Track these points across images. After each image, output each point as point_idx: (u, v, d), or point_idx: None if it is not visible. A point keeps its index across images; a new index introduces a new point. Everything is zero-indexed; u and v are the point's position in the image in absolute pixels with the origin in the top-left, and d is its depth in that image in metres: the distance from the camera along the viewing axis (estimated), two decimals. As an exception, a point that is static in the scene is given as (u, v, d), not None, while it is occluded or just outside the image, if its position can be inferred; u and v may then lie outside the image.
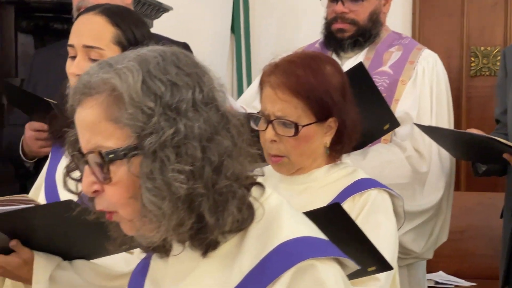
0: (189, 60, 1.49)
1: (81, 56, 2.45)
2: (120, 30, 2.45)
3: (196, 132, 1.42)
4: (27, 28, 3.74)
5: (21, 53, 3.75)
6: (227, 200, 1.45)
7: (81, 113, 1.47)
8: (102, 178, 1.45)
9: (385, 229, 2.29)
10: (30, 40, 3.77)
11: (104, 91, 1.44)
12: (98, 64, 1.48)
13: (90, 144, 1.45)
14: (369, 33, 3.23)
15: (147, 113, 1.42)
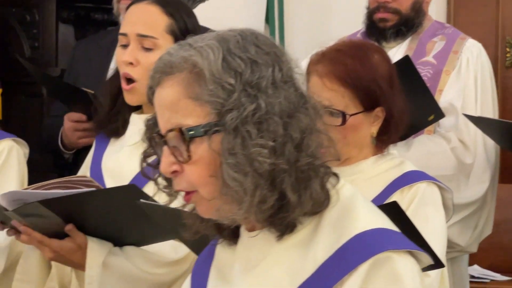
0: (267, 40, 1.49)
1: (134, 45, 2.45)
2: (173, 19, 2.47)
3: (277, 108, 1.43)
4: (68, 19, 3.77)
5: (61, 43, 3.78)
6: (309, 178, 1.44)
7: (160, 93, 1.48)
8: (182, 157, 1.45)
9: (435, 223, 2.27)
10: (70, 30, 3.80)
11: (184, 69, 1.45)
12: (178, 44, 1.49)
13: (170, 124, 1.46)
14: (411, 22, 3.21)
15: (228, 89, 1.42)
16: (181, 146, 1.44)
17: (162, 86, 1.48)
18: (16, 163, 2.67)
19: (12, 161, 2.66)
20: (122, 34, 2.48)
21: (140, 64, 2.44)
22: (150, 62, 2.44)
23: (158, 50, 2.46)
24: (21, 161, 2.71)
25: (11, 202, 2.14)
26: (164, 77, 1.47)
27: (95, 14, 3.76)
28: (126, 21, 2.50)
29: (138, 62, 2.44)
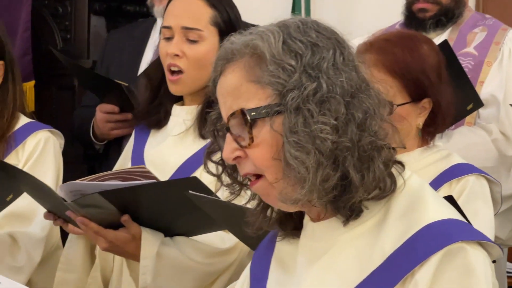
0: (328, 28, 1.50)
1: (179, 37, 2.47)
2: (217, 11, 2.49)
3: (338, 88, 1.43)
4: (99, 10, 3.75)
5: (93, 35, 3.76)
6: (372, 157, 1.44)
7: (223, 80, 1.49)
8: (244, 140, 1.45)
9: (484, 216, 2.23)
10: (102, 22, 3.78)
11: (246, 53, 1.46)
12: (239, 32, 1.51)
13: (232, 110, 1.46)
14: (452, 13, 3.17)
15: (289, 70, 1.43)
16: (243, 129, 1.45)
17: (224, 74, 1.49)
18: (52, 153, 2.68)
19: (49, 152, 2.68)
20: (166, 27, 2.49)
21: (185, 55, 2.46)
22: (195, 54, 2.46)
23: (203, 42, 2.47)
24: (57, 152, 2.72)
25: (68, 193, 2.14)
26: (226, 64, 1.48)
27: (127, 6, 3.74)
28: (169, 14, 2.51)
29: (184, 53, 2.46)
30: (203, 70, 2.46)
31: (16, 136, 2.66)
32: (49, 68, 3.72)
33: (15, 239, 2.55)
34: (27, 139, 2.66)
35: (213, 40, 2.49)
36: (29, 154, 2.65)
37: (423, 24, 3.16)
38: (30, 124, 2.71)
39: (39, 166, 2.64)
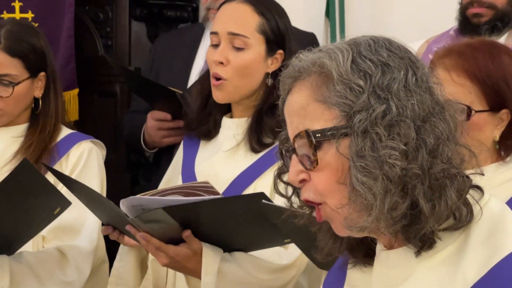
0: (401, 46, 1.44)
1: (225, 44, 2.44)
2: (264, 18, 2.47)
3: (409, 111, 1.37)
4: (140, 16, 3.72)
5: (134, 41, 3.73)
6: (444, 186, 1.37)
7: (290, 99, 1.45)
8: (309, 163, 1.40)
9: None
10: (142, 27, 3.75)
11: (313, 72, 1.41)
12: (307, 50, 1.46)
13: (298, 130, 1.42)
14: (508, 17, 3.12)
15: (357, 91, 1.38)
16: (309, 151, 1.40)
17: (291, 93, 1.44)
18: (96, 164, 2.68)
19: (92, 163, 2.67)
20: (213, 33, 2.47)
21: (230, 63, 2.43)
22: (240, 62, 2.43)
23: (248, 50, 2.44)
24: (100, 163, 2.72)
25: (130, 207, 2.11)
26: (294, 83, 1.44)
27: (167, 11, 3.71)
28: (217, 20, 2.49)
29: (228, 61, 2.43)
30: (246, 78, 2.44)
31: (59, 147, 2.66)
32: (91, 74, 3.69)
33: (64, 253, 2.55)
34: (70, 150, 2.66)
35: (259, 48, 2.46)
36: (73, 166, 2.64)
37: (477, 29, 3.12)
38: (73, 135, 2.70)
39: (84, 177, 2.63)
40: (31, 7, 3.57)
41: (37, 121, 2.66)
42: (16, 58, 2.61)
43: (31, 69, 2.64)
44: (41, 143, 2.63)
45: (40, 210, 2.34)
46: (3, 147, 2.66)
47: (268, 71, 2.47)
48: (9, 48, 2.60)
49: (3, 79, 2.60)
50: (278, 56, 2.48)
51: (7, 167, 2.60)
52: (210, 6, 3.20)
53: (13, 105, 2.62)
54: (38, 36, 2.68)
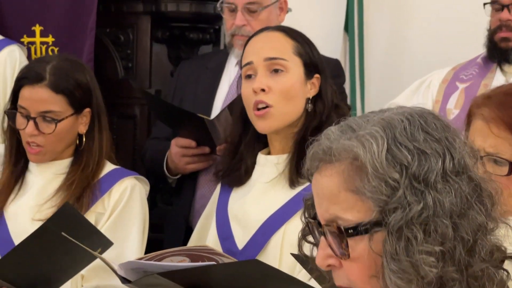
0: (438, 123, 1.37)
1: (263, 71, 2.41)
2: (298, 42, 2.47)
3: (446, 207, 1.31)
4: (162, 38, 3.69)
5: (155, 63, 3.70)
6: (483, 286, 1.32)
7: (319, 180, 1.38)
8: (339, 252, 1.35)
9: None
10: (164, 50, 3.72)
11: (345, 159, 1.34)
12: (339, 128, 1.38)
13: (328, 215, 1.35)
14: None
15: (392, 185, 1.31)
16: (339, 241, 1.34)
17: (320, 174, 1.37)
18: (138, 202, 2.65)
19: (135, 200, 2.64)
20: (247, 64, 2.43)
21: (272, 89, 2.40)
22: (282, 86, 2.40)
23: (288, 73, 2.42)
24: (143, 200, 2.69)
25: (129, 271, 2.07)
26: (323, 165, 1.37)
27: (189, 33, 3.68)
28: (249, 51, 2.47)
29: (270, 88, 2.40)
30: (291, 102, 2.41)
31: (101, 184, 2.63)
32: (111, 97, 3.65)
33: None
34: (113, 187, 2.63)
35: (298, 70, 2.43)
36: (115, 203, 2.62)
37: (506, 54, 3.07)
38: (116, 171, 2.67)
39: (126, 215, 2.61)
40: (52, 31, 3.55)
41: (80, 158, 2.63)
42: (61, 95, 2.58)
43: (75, 105, 2.61)
44: (83, 180, 2.59)
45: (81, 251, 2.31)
46: (44, 183, 2.63)
47: (308, 96, 2.44)
48: (54, 85, 2.57)
49: (46, 116, 2.57)
50: (315, 81, 2.45)
51: (48, 203, 2.57)
52: (235, 32, 3.17)
53: (55, 142, 2.59)
54: (84, 72, 2.65)
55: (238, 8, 3.16)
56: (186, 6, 3.62)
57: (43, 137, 2.57)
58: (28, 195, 2.63)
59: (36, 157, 2.61)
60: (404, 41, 5.08)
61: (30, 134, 2.57)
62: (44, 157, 2.61)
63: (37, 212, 2.56)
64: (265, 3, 3.21)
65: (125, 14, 3.66)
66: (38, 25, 3.57)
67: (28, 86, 2.58)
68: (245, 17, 3.15)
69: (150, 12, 3.64)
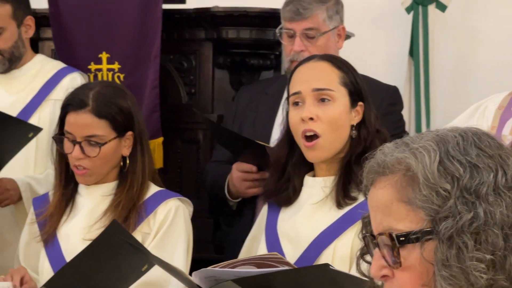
0: (491, 141, 1.41)
1: (310, 101, 2.48)
2: (344, 72, 2.54)
3: (498, 218, 1.34)
4: (223, 64, 3.77)
5: (217, 89, 3.78)
6: None
7: (374, 193, 1.44)
8: (392, 262, 1.39)
9: None
10: (226, 75, 3.80)
11: (398, 170, 1.40)
12: (394, 143, 1.45)
13: (382, 226, 1.41)
14: None
15: (443, 195, 1.36)
16: (392, 250, 1.39)
17: (375, 187, 1.43)
18: (182, 222, 2.75)
19: (179, 221, 2.74)
20: (295, 93, 2.49)
21: (320, 118, 2.45)
22: (330, 115, 2.47)
23: (335, 103, 2.48)
24: (187, 220, 2.79)
25: (203, 279, 2.15)
26: (377, 178, 1.43)
27: (250, 60, 3.75)
28: (297, 81, 2.53)
29: (318, 117, 2.46)
30: (338, 131, 2.46)
31: (147, 205, 2.73)
32: (174, 121, 3.76)
33: None
34: (158, 208, 2.73)
35: (344, 100, 2.50)
36: (160, 224, 2.71)
37: None
38: (160, 192, 2.77)
39: (170, 235, 2.71)
40: (118, 58, 3.67)
41: (125, 179, 2.74)
42: (104, 119, 2.70)
43: (118, 129, 2.72)
44: (129, 201, 2.70)
45: (129, 267, 2.41)
46: (93, 205, 2.75)
47: (353, 123, 2.51)
48: (97, 110, 2.69)
49: (91, 140, 2.69)
50: (359, 108, 2.53)
51: (97, 225, 2.68)
52: (294, 58, 3.23)
53: (100, 164, 2.71)
54: (125, 97, 2.77)
55: (297, 34, 3.22)
56: (246, 32, 3.70)
57: (89, 160, 2.69)
58: (79, 216, 2.75)
59: (83, 179, 2.73)
60: (470, 67, 5.06)
61: (76, 158, 2.69)
62: (91, 178, 2.73)
63: (87, 232, 2.68)
64: (323, 29, 3.26)
65: (188, 41, 3.76)
66: (105, 52, 3.68)
67: (72, 112, 2.71)
68: (303, 43, 3.21)
69: (211, 38, 3.72)
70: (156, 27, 3.60)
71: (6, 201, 3.31)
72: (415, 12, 5.01)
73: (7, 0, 3.42)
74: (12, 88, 3.50)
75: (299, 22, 3.21)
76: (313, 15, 3.21)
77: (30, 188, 3.32)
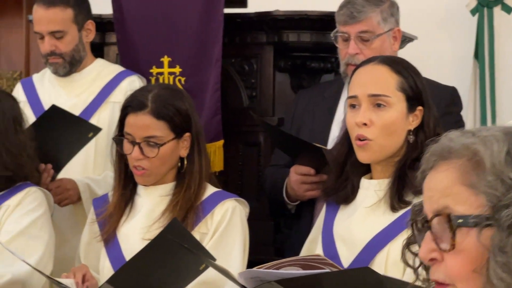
0: None
1: (366, 106, 2.48)
2: (403, 77, 2.51)
3: None
4: (284, 67, 3.79)
5: (278, 92, 3.80)
6: None
7: (433, 175, 1.45)
8: (445, 244, 1.40)
9: None
10: (287, 79, 3.82)
11: (464, 155, 1.42)
12: (459, 131, 1.47)
13: (437, 205, 1.42)
14: None
15: (508, 183, 1.37)
16: (446, 233, 1.39)
17: (436, 170, 1.44)
18: (239, 223, 2.78)
19: (236, 221, 2.78)
20: (352, 97, 2.49)
21: (373, 124, 2.45)
22: (384, 121, 2.46)
23: (390, 109, 2.47)
24: (243, 221, 2.83)
25: (248, 279, 2.17)
26: (440, 161, 1.44)
27: (311, 63, 3.77)
28: (355, 84, 2.53)
29: (372, 122, 2.46)
30: (391, 137, 2.46)
31: (204, 205, 2.78)
32: (236, 125, 3.79)
33: None
34: (215, 208, 2.77)
35: (400, 106, 2.48)
36: (217, 224, 2.75)
37: None
38: (217, 193, 2.81)
39: (227, 235, 2.74)
40: (179, 62, 3.72)
41: (183, 180, 2.79)
42: (162, 121, 2.75)
43: (176, 130, 2.77)
44: (187, 202, 2.75)
45: (187, 266, 2.45)
46: (152, 206, 2.80)
47: (410, 128, 2.50)
48: (156, 112, 2.74)
49: (149, 141, 2.74)
50: (418, 113, 2.51)
51: (155, 225, 2.73)
52: (349, 61, 3.23)
53: (159, 165, 2.76)
54: (183, 99, 2.82)
55: (351, 37, 3.22)
56: (307, 36, 3.72)
57: (147, 161, 2.74)
58: (138, 217, 2.81)
59: (142, 179, 2.78)
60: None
61: (136, 159, 2.75)
62: (149, 178, 2.78)
63: (146, 232, 2.73)
64: (377, 32, 3.25)
65: (249, 45, 3.79)
66: (166, 56, 3.74)
67: (132, 113, 2.76)
68: (358, 46, 3.21)
69: (273, 42, 3.75)
70: (218, 31, 3.63)
71: (66, 201, 3.39)
72: (480, 14, 4.96)
73: (68, 5, 3.50)
74: (72, 91, 3.58)
75: (353, 25, 3.21)
76: (367, 18, 3.21)
77: (89, 189, 3.40)
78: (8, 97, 2.95)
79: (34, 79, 3.68)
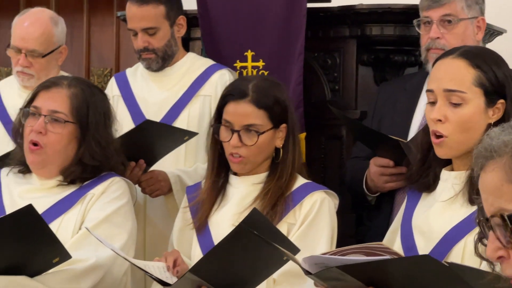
0: None
1: (442, 101, 2.45)
2: (481, 71, 2.44)
3: None
4: (367, 61, 3.79)
5: (361, 86, 3.80)
6: None
7: (484, 177, 1.46)
8: (505, 242, 1.41)
9: None
10: (369, 72, 3.82)
11: (505, 153, 1.43)
12: (500, 127, 1.48)
13: (493, 208, 1.43)
14: None
15: None
16: (505, 231, 1.41)
17: (485, 171, 1.46)
18: (327, 214, 2.81)
19: (324, 213, 2.80)
20: (429, 91, 2.47)
21: (448, 120, 2.43)
22: (459, 118, 2.42)
23: (466, 105, 2.43)
24: (332, 213, 2.85)
25: (313, 265, 2.19)
26: (486, 162, 1.45)
27: (394, 56, 3.76)
28: (432, 77, 2.50)
29: (447, 118, 2.43)
30: (467, 133, 2.42)
31: (294, 196, 2.82)
32: (319, 118, 3.81)
33: None
34: (304, 199, 2.81)
35: (477, 101, 2.43)
36: (305, 215, 2.78)
37: None
38: (307, 185, 2.85)
39: (315, 227, 2.78)
40: (263, 56, 3.76)
41: (275, 170, 2.84)
42: (262, 110, 2.81)
43: (274, 120, 2.83)
44: (277, 190, 2.80)
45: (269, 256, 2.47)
46: (244, 193, 2.86)
47: (490, 121, 2.44)
48: (256, 100, 2.80)
49: (250, 128, 2.81)
50: (499, 106, 2.46)
51: (246, 211, 2.76)
52: (430, 46, 3.21)
53: (256, 153, 2.82)
54: (281, 90, 2.88)
55: (434, 21, 3.21)
56: (391, 29, 3.71)
57: (245, 149, 2.80)
58: (229, 205, 2.86)
59: (238, 166, 2.84)
60: None
61: (234, 146, 2.80)
62: (246, 166, 2.83)
63: (237, 219, 2.77)
64: (460, 16, 3.22)
65: (332, 39, 3.81)
66: (250, 50, 3.79)
67: (232, 102, 2.82)
68: (440, 30, 3.19)
69: (355, 36, 3.76)
70: (301, 25, 3.66)
71: (157, 192, 3.46)
72: None
73: (160, 2, 3.58)
74: (164, 85, 3.65)
75: (436, 9, 3.19)
76: (451, 2, 3.19)
77: (180, 180, 3.46)
78: (101, 93, 3.05)
79: (128, 74, 3.77)
